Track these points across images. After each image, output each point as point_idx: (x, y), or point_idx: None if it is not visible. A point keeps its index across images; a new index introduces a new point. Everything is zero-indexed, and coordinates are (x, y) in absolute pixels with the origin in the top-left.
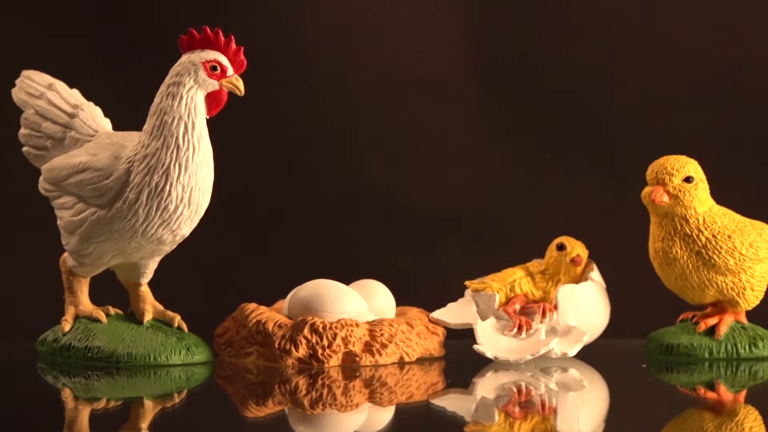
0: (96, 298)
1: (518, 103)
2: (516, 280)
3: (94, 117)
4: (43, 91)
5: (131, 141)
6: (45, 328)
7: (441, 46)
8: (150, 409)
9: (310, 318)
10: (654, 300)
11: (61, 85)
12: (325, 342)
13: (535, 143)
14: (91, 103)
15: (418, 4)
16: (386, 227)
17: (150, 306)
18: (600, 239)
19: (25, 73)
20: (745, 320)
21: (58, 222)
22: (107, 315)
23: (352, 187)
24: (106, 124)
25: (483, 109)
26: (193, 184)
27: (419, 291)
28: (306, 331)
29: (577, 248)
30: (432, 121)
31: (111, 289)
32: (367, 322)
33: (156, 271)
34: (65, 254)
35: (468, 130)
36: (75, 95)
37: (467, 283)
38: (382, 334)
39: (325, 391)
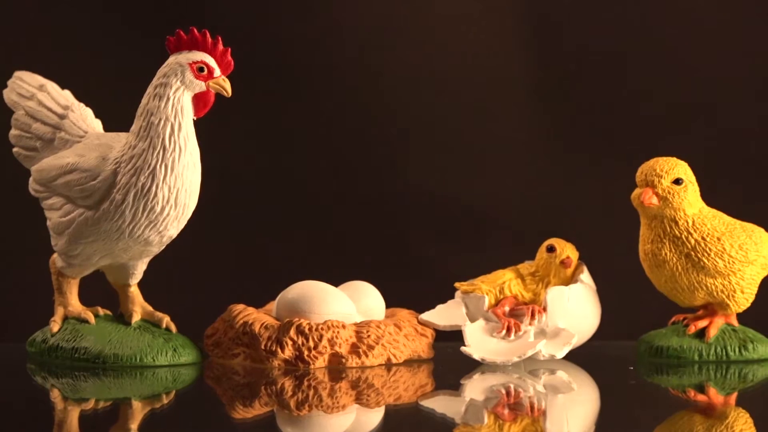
0: (86, 299)
1: (518, 105)
2: (506, 281)
3: (84, 118)
4: (33, 92)
5: (119, 142)
6: (35, 328)
7: (480, 47)
8: (138, 410)
9: (297, 319)
10: (645, 302)
11: (52, 86)
12: (311, 343)
13: (532, 145)
14: (82, 104)
15: (466, 3)
16: (383, 228)
17: (139, 307)
18: (590, 241)
19: (17, 73)
20: (735, 323)
21: (48, 223)
22: (96, 316)
23: (346, 186)
24: (97, 125)
25: (482, 109)
26: (180, 185)
27: (416, 292)
28: (292, 332)
29: (567, 250)
30: (429, 120)
31: (101, 290)
32: (354, 324)
33: (147, 272)
34: (54, 255)
35: (468, 131)
36: (66, 96)
37: (457, 284)
38: (368, 336)
39: (311, 392)
